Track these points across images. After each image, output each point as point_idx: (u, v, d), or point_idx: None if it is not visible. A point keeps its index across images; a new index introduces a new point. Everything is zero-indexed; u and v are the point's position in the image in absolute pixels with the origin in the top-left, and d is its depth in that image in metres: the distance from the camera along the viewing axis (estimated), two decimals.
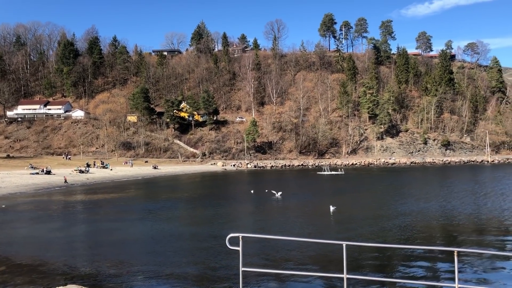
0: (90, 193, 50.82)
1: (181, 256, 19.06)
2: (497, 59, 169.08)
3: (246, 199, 42.02)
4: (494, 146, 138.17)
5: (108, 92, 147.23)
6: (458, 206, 34.06)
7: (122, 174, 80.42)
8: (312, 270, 16.42)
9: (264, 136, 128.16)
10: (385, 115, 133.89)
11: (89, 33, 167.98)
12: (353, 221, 27.94)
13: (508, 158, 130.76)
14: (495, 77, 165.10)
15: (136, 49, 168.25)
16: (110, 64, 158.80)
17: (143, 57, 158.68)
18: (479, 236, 23.23)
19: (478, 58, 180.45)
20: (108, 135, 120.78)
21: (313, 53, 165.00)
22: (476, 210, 31.95)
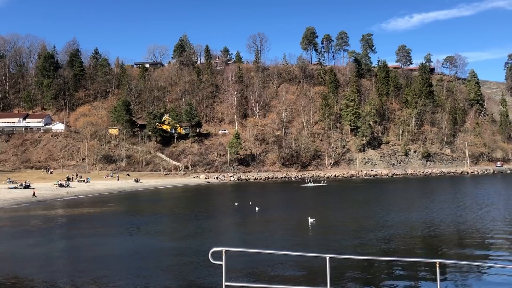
0: (70, 207, 49.92)
1: (163, 272, 18.76)
2: (474, 72, 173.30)
3: (229, 212, 41.77)
4: (474, 157, 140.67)
5: (89, 105, 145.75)
6: (439, 217, 34.41)
7: (103, 187, 79.36)
8: (295, 284, 16.32)
9: (247, 149, 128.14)
10: (366, 127, 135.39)
11: (70, 45, 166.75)
12: (332, 234, 27.97)
13: (487, 169, 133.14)
14: (473, 90, 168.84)
15: (118, 62, 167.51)
16: (91, 77, 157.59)
17: (125, 70, 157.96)
18: (460, 247, 23.46)
19: (456, 71, 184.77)
20: (89, 148, 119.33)
21: (295, 66, 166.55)
22: (457, 221, 32.31)
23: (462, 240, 25.30)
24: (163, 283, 16.80)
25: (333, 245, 23.84)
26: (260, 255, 20.61)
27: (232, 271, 17.82)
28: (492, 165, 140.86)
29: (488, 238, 25.52)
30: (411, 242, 25.11)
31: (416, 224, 30.91)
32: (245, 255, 20.60)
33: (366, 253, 21.87)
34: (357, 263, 19.36)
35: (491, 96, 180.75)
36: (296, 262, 19.76)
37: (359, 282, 16.71)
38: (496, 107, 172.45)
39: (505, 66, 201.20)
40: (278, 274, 17.90)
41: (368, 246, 23.35)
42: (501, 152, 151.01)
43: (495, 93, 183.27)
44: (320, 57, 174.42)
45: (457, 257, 20.85)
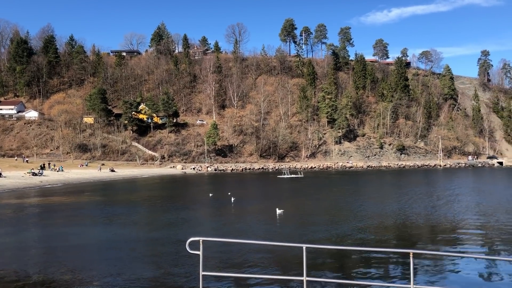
0: (43, 196, 49.01)
1: (139, 262, 18.66)
2: (449, 67, 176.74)
3: (206, 203, 41.74)
4: (446, 151, 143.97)
5: (64, 93, 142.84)
6: (413, 208, 35.15)
7: (78, 177, 78.17)
8: (272, 273, 16.47)
9: (224, 140, 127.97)
10: (343, 120, 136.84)
11: (44, 31, 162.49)
12: (301, 224, 28.32)
13: (459, 162, 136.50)
14: (448, 85, 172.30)
15: (93, 49, 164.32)
16: (66, 64, 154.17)
17: (101, 58, 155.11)
18: (433, 237, 24.06)
19: (431, 66, 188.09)
20: (64, 137, 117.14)
21: (274, 58, 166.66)
22: (430, 212, 33.07)
23: (434, 231, 25.93)
24: (139, 273, 16.71)
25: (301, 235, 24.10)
26: (237, 245, 20.69)
27: (209, 261, 17.87)
28: (464, 158, 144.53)
29: (460, 229, 26.23)
30: (385, 232, 25.59)
31: (390, 215, 31.50)
32: (222, 245, 20.65)
33: (341, 243, 22.20)
34: (333, 253, 19.64)
35: (465, 91, 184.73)
36: (272, 251, 19.92)
37: (335, 272, 16.96)
38: (469, 102, 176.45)
39: (478, 62, 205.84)
40: (255, 264, 18.02)
41: (343, 237, 23.70)
42: (473, 146, 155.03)
43: (468, 88, 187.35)
44: (298, 49, 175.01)
45: (430, 247, 21.38)
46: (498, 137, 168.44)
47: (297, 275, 14.65)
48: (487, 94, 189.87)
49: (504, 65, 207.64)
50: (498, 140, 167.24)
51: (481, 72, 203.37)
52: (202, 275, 7.43)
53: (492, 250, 21.20)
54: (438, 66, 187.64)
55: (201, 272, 7.39)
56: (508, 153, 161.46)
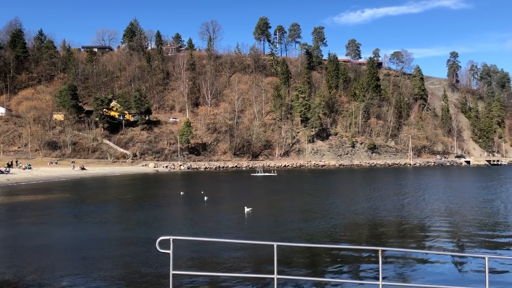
0: (10, 194, 47.66)
1: (109, 261, 18.38)
2: (419, 68, 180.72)
3: (178, 202, 41.46)
4: (416, 150, 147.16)
5: (33, 89, 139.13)
6: (383, 206, 35.79)
7: (47, 174, 76.42)
8: (243, 271, 16.51)
9: (198, 138, 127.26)
10: (316, 119, 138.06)
11: (12, 25, 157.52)
12: (270, 222, 28.54)
13: (428, 161, 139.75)
14: (418, 85, 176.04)
15: (64, 45, 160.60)
16: (35, 59, 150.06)
17: (71, 53, 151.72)
18: (402, 235, 24.55)
19: (402, 67, 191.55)
20: (32, 134, 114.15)
21: (248, 56, 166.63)
22: (399, 210, 33.75)
23: (403, 228, 26.47)
24: (108, 273, 16.46)
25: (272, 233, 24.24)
26: (209, 244, 20.65)
27: (179, 260, 17.77)
28: (433, 157, 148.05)
29: (428, 226, 26.86)
30: (356, 230, 25.97)
31: (361, 213, 31.99)
32: (193, 243, 20.56)
33: (313, 241, 22.43)
34: (304, 250, 19.82)
35: (434, 91, 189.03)
36: (244, 250, 19.96)
37: (306, 269, 17.12)
38: (438, 102, 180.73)
39: (447, 63, 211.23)
40: (226, 262, 18.02)
41: (314, 235, 23.94)
42: (442, 145, 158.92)
43: (438, 89, 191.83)
44: (272, 48, 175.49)
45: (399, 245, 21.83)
46: (465, 137, 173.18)
47: (268, 273, 14.73)
48: (455, 94, 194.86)
49: (472, 67, 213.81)
50: (466, 140, 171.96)
51: (450, 73, 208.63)
52: (172, 274, 7.37)
53: (458, 246, 21.80)
54: (409, 67, 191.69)
55: (171, 271, 7.33)
56: (475, 152, 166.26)
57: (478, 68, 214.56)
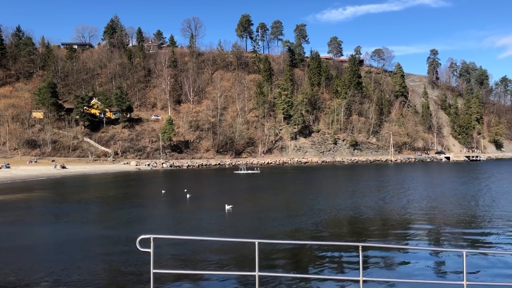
0: None
1: (90, 261, 18.20)
2: (400, 65, 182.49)
3: (160, 200, 41.23)
4: (397, 146, 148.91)
5: (11, 86, 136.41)
6: (364, 202, 36.18)
7: (26, 173, 75.15)
8: (224, 269, 16.53)
9: (180, 135, 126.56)
10: (298, 116, 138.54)
11: None
12: (253, 219, 28.66)
13: (409, 158, 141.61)
14: (399, 82, 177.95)
15: (43, 41, 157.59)
16: (13, 56, 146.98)
17: (50, 50, 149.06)
18: (383, 230, 24.87)
19: (383, 64, 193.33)
20: (11, 132, 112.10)
21: (231, 53, 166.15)
22: (380, 206, 34.17)
23: (384, 224, 26.83)
24: (89, 273, 16.31)
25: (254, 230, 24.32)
26: (190, 242, 20.61)
27: (161, 258, 17.70)
28: (413, 153, 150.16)
29: (408, 221, 27.27)
30: (338, 226, 26.22)
31: (343, 209, 32.30)
32: (175, 242, 20.49)
33: (294, 237, 22.56)
34: (286, 247, 19.92)
35: (415, 89, 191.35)
36: (225, 248, 19.98)
37: (287, 266, 17.24)
38: (419, 99, 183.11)
39: (428, 60, 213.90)
40: (207, 260, 18.01)
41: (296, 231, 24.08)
42: (422, 141, 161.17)
43: (418, 86, 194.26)
44: (255, 45, 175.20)
45: (379, 240, 22.13)
46: (445, 133, 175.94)
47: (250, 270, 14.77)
48: (435, 91, 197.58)
49: (452, 64, 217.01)
50: (446, 136, 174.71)
51: (430, 70, 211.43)
52: (153, 273, 7.34)
53: (438, 241, 22.20)
54: (390, 64, 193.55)
55: (152, 270, 7.30)
56: (455, 148, 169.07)
57: (457, 65, 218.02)
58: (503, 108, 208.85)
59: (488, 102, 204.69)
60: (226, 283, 14.95)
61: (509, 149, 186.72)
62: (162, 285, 14.53)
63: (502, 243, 21.37)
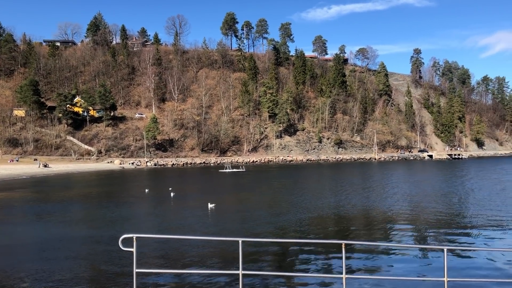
0: None
1: (73, 261, 18.03)
2: (384, 64, 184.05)
3: (144, 199, 40.99)
4: (381, 145, 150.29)
5: None
6: (348, 200, 36.48)
7: (7, 172, 73.98)
8: (208, 268, 16.53)
9: (165, 134, 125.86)
10: (284, 114, 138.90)
11: None
12: (229, 218, 28.75)
13: (392, 156, 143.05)
14: (382, 81, 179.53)
15: (24, 38, 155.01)
16: None
17: (32, 47, 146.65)
18: (366, 228, 25.13)
19: (367, 63, 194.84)
20: None
21: (215, 51, 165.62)
22: (364, 203, 34.50)
23: (367, 222, 27.11)
24: (72, 273, 16.15)
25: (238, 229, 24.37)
26: (174, 241, 20.55)
27: (144, 258, 17.62)
28: (396, 151, 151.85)
29: (391, 219, 27.58)
30: (322, 224, 26.39)
31: (327, 207, 32.51)
32: (158, 241, 20.42)
33: (279, 236, 22.66)
34: (269, 246, 20.00)
35: (398, 87, 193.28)
36: (209, 247, 19.97)
37: (271, 264, 17.31)
38: (402, 98, 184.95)
39: (411, 59, 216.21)
40: (191, 259, 17.99)
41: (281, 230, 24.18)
42: (406, 139, 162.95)
43: (402, 85, 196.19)
44: (240, 44, 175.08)
45: (362, 238, 22.35)
46: (428, 132, 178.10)
47: (234, 269, 14.81)
48: (418, 90, 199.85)
49: (434, 63, 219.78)
50: (429, 135, 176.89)
51: (413, 69, 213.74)
52: (136, 272, 7.32)
53: (419, 238, 22.51)
54: (374, 63, 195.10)
55: (134, 269, 7.28)
56: (438, 146, 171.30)
57: (440, 64, 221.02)
58: (484, 107, 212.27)
59: (470, 101, 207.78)
60: (210, 282, 14.96)
61: (490, 147, 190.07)
62: (145, 285, 14.47)
63: (481, 239, 21.77)
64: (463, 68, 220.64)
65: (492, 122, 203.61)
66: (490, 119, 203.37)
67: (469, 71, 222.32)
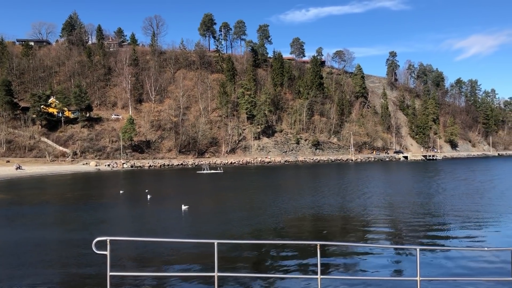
0: None
1: (46, 265, 17.73)
2: (360, 67, 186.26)
3: (121, 201, 40.52)
4: (357, 146, 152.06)
5: None
6: (324, 201, 36.81)
7: None
8: (183, 271, 16.48)
9: (142, 135, 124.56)
10: (262, 116, 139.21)
11: None
12: (203, 220, 28.75)
13: (369, 157, 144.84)
14: (359, 83, 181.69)
15: None
16: None
17: (5, 46, 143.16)
18: (341, 229, 25.42)
19: (344, 65, 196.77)
20: None
21: (193, 52, 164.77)
22: (340, 204, 34.88)
23: (343, 222, 27.42)
24: (45, 277, 15.89)
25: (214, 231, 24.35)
26: (148, 243, 20.40)
27: (118, 261, 17.46)
28: (371, 152, 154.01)
29: (366, 220, 27.97)
30: (298, 225, 26.57)
31: (304, 208, 32.74)
32: (132, 243, 20.24)
33: (253, 237, 22.72)
34: (245, 247, 20.03)
35: (374, 90, 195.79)
36: (184, 249, 19.89)
37: (246, 266, 17.36)
38: (378, 100, 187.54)
39: (387, 62, 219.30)
40: (165, 262, 17.91)
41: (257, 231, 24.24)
42: (382, 141, 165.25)
43: (378, 87, 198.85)
44: (218, 45, 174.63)
45: (337, 239, 22.61)
46: (404, 133, 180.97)
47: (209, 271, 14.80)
48: (394, 92, 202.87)
49: (409, 66, 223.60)
50: (404, 136, 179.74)
51: (389, 72, 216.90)
52: (109, 275, 7.28)
53: (393, 238, 22.90)
54: (351, 66, 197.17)
55: (108, 272, 7.25)
56: (413, 147, 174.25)
57: (415, 67, 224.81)
58: (457, 109, 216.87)
59: (444, 103, 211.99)
60: (185, 284, 14.92)
61: (464, 148, 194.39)
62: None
63: (453, 238, 22.30)
64: (437, 71, 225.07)
65: (465, 124, 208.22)
66: (463, 121, 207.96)
67: (443, 74, 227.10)
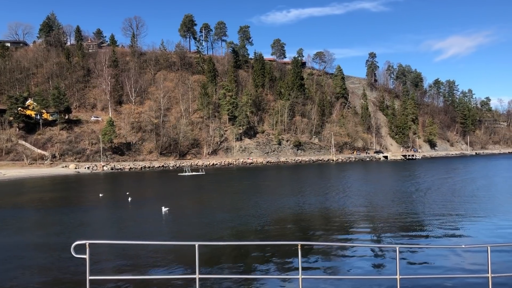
0: None
1: (24, 270, 17.40)
2: (341, 68, 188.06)
3: (101, 204, 40.04)
4: (338, 146, 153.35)
5: None
6: (305, 201, 37.01)
7: None
8: (164, 273, 16.38)
9: (122, 137, 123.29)
10: (243, 117, 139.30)
11: None
12: (184, 222, 28.69)
13: (349, 157, 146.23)
14: (339, 84, 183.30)
15: None
16: None
17: None
18: (323, 229, 25.58)
19: (325, 66, 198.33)
20: None
21: (174, 53, 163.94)
22: (321, 204, 35.11)
23: (324, 222, 27.61)
24: (22, 283, 15.59)
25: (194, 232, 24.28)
26: (128, 246, 20.21)
27: (98, 264, 17.25)
28: (351, 152, 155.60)
29: (346, 219, 28.20)
30: (280, 226, 26.64)
31: (285, 208, 32.86)
32: (112, 247, 20.03)
33: (234, 238, 22.72)
34: (226, 249, 20.02)
35: (354, 90, 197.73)
36: (165, 251, 19.77)
37: (228, 267, 17.34)
38: (358, 101, 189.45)
39: (366, 63, 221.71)
40: (146, 265, 17.77)
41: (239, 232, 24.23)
42: (362, 141, 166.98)
43: (358, 88, 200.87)
44: (198, 46, 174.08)
45: (319, 238, 22.77)
46: (383, 133, 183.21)
47: (190, 273, 14.74)
48: (374, 93, 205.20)
49: (389, 67, 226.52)
50: (384, 136, 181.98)
51: (369, 73, 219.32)
52: (89, 279, 7.21)
53: (374, 237, 23.16)
54: (331, 67, 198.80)
55: (88, 276, 7.17)
56: (392, 147, 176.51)
57: (394, 68, 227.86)
58: (436, 109, 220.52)
59: (422, 103, 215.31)
60: (166, 287, 14.82)
61: (442, 148, 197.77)
62: None
63: (432, 236, 22.67)
64: (415, 71, 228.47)
65: (444, 124, 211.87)
66: (442, 121, 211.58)
67: (422, 74, 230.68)
